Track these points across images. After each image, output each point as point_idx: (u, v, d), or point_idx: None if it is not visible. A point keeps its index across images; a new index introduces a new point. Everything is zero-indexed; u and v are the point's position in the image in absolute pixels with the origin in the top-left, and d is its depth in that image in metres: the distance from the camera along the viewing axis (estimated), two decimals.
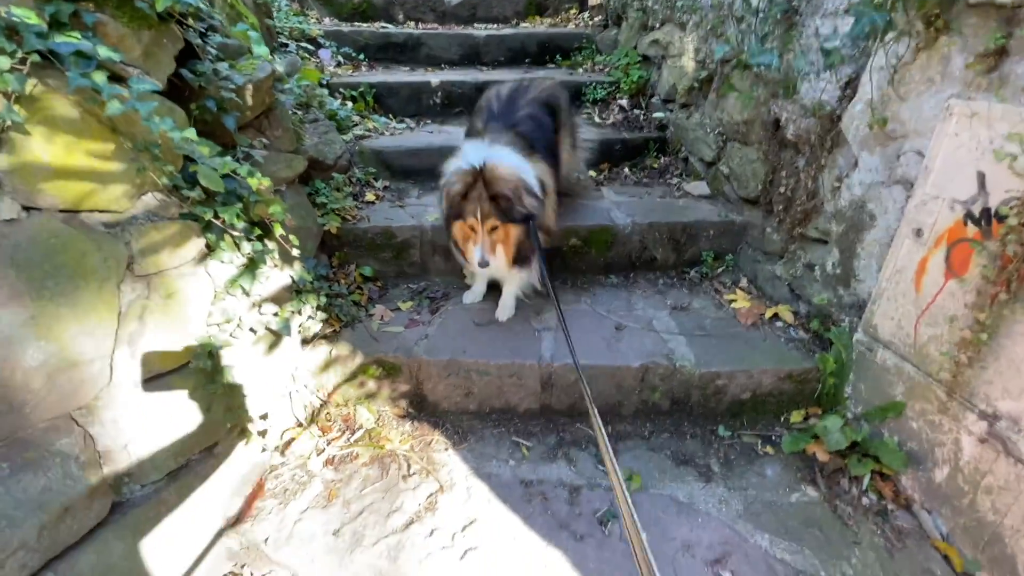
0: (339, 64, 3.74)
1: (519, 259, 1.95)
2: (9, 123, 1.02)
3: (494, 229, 1.85)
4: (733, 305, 2.30)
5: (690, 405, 2.01)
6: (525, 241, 1.89)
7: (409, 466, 1.86)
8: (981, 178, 1.39)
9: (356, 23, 4.56)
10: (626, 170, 3.12)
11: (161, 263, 1.39)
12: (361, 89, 3.32)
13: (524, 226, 1.87)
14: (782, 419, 2.01)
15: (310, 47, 3.44)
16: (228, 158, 1.41)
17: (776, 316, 2.20)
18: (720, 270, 2.54)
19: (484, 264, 1.84)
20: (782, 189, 2.20)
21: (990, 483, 1.44)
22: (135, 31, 1.29)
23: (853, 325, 1.89)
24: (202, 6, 1.65)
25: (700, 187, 2.81)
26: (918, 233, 1.60)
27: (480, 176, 1.76)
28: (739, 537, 1.62)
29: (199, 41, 1.64)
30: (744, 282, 2.44)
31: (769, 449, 1.91)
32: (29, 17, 1.05)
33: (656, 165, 3.15)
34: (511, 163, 1.84)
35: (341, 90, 3.24)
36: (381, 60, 4.02)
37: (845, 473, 1.79)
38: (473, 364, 1.97)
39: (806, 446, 1.85)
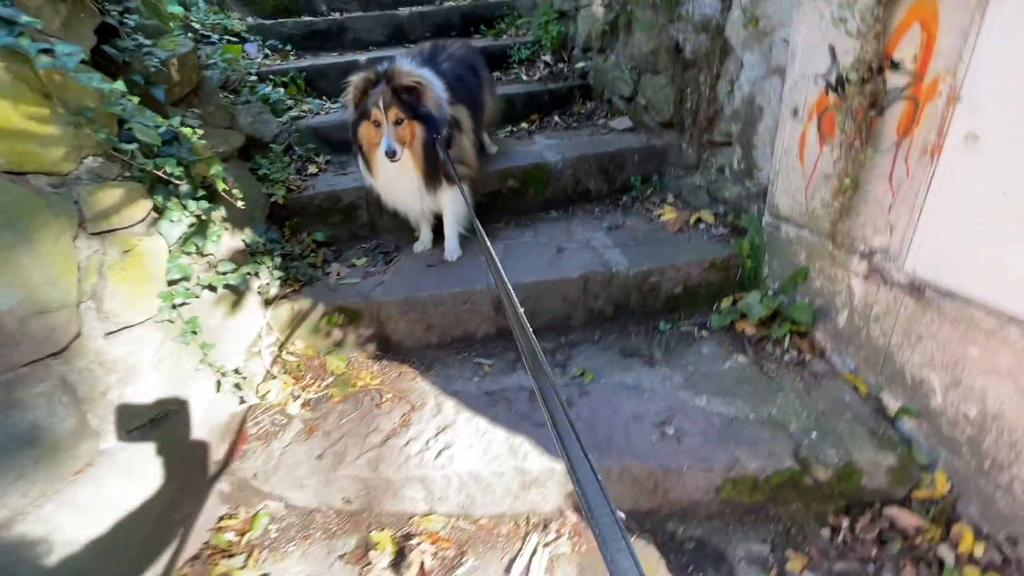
0: (266, 56, 3.80)
1: (431, 172, 2.03)
2: None
3: (399, 123, 1.92)
4: (662, 218, 2.51)
5: (631, 307, 2.21)
6: (433, 152, 1.98)
7: (381, 396, 2.00)
8: (832, 50, 1.61)
9: (280, 19, 4.59)
10: (556, 118, 3.30)
11: (112, 222, 1.49)
12: (291, 74, 3.40)
13: (430, 133, 1.95)
14: (714, 307, 2.23)
15: (234, 40, 3.48)
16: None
17: (699, 220, 2.41)
18: (649, 192, 2.75)
19: (391, 152, 1.86)
20: (689, 104, 2.41)
21: (877, 312, 1.67)
22: (52, 2, 1.38)
23: (761, 210, 2.11)
24: None
25: (623, 122, 3.01)
26: (795, 112, 1.81)
27: (383, 76, 1.88)
28: (680, 403, 1.82)
29: (118, 20, 1.72)
30: (671, 198, 2.66)
31: (704, 333, 2.13)
32: None
33: (583, 110, 3.34)
34: (418, 69, 1.96)
35: (271, 77, 3.31)
36: (308, 48, 4.08)
37: (769, 339, 2.02)
38: (428, 297, 2.12)
39: (734, 321, 2.07)
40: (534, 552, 1.61)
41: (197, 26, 3.18)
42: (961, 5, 1.25)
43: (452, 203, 2.22)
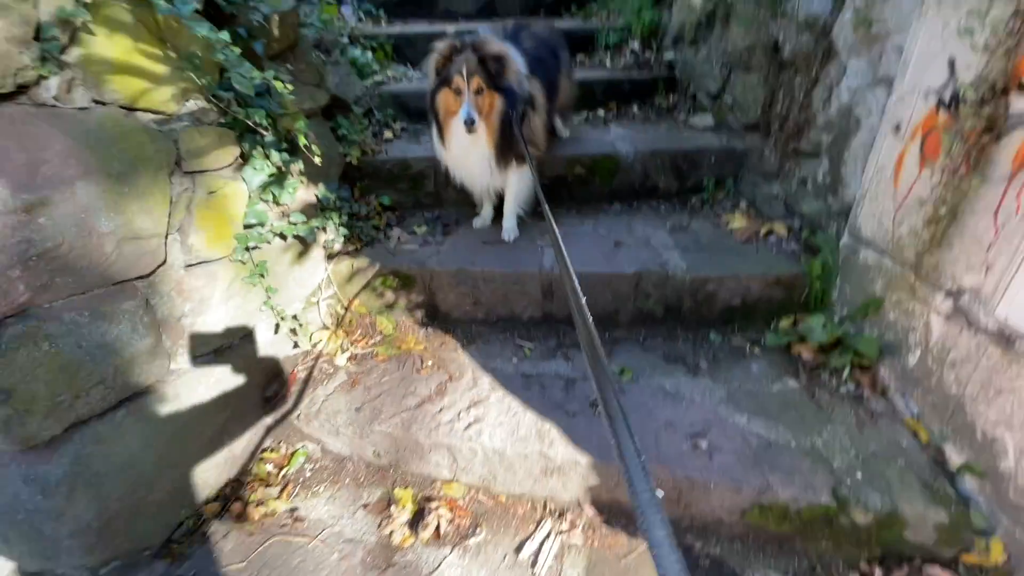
0: (360, 19, 3.91)
1: (503, 148, 2.03)
2: (80, 21, 1.23)
3: (480, 92, 1.92)
4: (730, 225, 2.40)
5: (683, 312, 2.15)
6: (508, 128, 1.97)
7: (423, 362, 2.07)
8: (951, 63, 1.46)
9: None
10: (635, 108, 3.21)
11: (204, 163, 1.61)
12: (381, 40, 3.49)
13: (508, 107, 1.95)
14: (771, 325, 2.12)
15: (331, 1, 3.60)
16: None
17: (771, 232, 2.28)
18: (721, 196, 2.63)
19: (470, 121, 1.87)
20: (779, 108, 2.26)
21: (954, 358, 1.53)
22: None
23: (840, 231, 1.97)
24: None
25: (705, 119, 2.88)
26: (897, 129, 1.67)
27: (469, 46, 1.90)
28: (719, 417, 1.76)
29: None
30: (743, 205, 2.53)
31: (756, 350, 2.04)
32: None
33: (664, 103, 3.22)
34: (504, 43, 1.97)
35: (362, 40, 3.42)
36: (400, 15, 4.17)
37: (826, 367, 1.90)
38: (480, 273, 2.15)
39: (791, 343, 1.96)
40: (546, 537, 1.63)
41: None
42: None
43: (517, 183, 2.23)
